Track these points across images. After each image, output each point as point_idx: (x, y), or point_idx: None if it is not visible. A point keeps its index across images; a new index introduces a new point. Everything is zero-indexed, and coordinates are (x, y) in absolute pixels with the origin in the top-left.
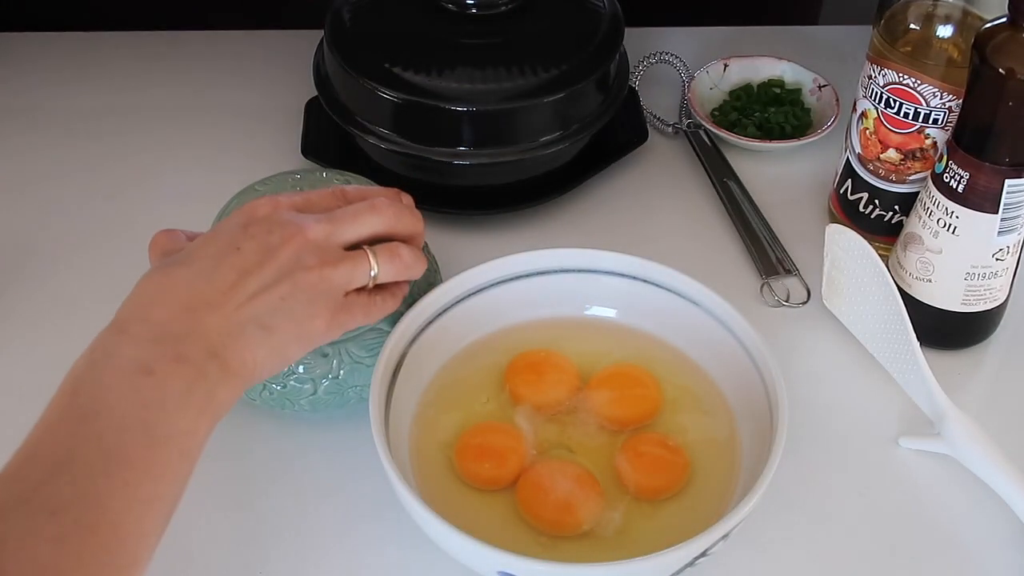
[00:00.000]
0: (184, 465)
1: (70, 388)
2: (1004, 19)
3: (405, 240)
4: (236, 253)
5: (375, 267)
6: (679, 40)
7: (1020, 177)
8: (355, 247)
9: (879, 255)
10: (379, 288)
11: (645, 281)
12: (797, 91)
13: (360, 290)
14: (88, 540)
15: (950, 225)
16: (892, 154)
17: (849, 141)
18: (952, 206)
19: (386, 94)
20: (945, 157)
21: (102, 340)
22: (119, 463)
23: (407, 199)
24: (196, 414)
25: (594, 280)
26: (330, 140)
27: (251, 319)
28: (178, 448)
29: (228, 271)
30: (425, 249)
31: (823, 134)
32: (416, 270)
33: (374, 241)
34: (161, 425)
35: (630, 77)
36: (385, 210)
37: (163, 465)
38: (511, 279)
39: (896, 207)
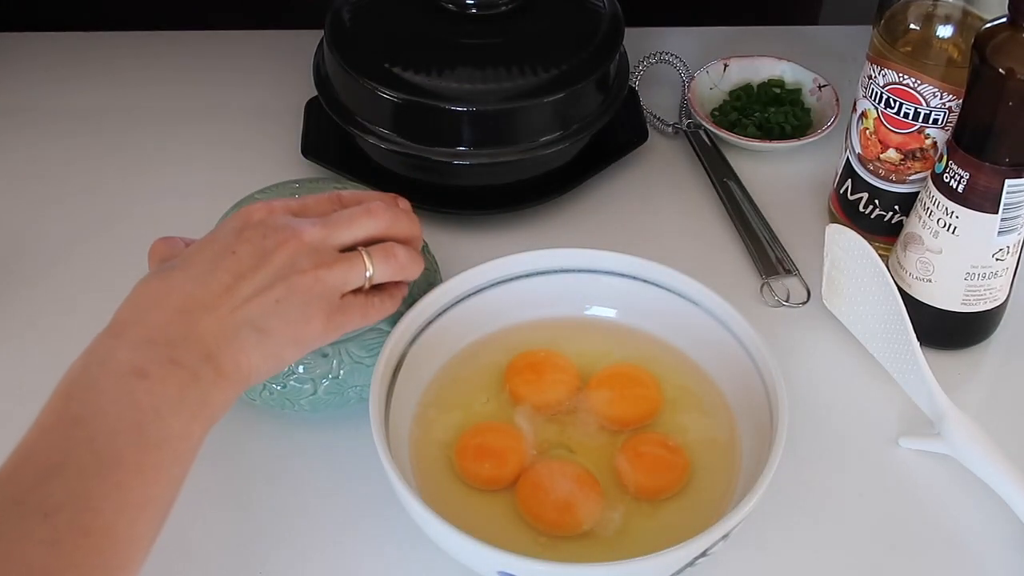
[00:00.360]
0: (178, 468)
1: (65, 391)
2: (1004, 19)
3: (402, 243)
4: (231, 257)
5: (370, 268)
6: (679, 40)
7: (1020, 177)
8: (351, 250)
9: (879, 255)
10: (377, 289)
11: (645, 281)
12: (797, 91)
13: (358, 292)
14: (80, 543)
15: (950, 225)
16: (892, 154)
17: (849, 141)
18: (952, 206)
19: (386, 94)
20: (945, 157)
21: (97, 344)
22: (112, 466)
23: (404, 203)
24: (190, 417)
25: (594, 280)
26: (330, 140)
27: (246, 322)
28: (172, 451)
29: (223, 274)
30: (425, 249)
31: (823, 134)
32: (412, 270)
33: (371, 243)
34: (155, 428)
35: (630, 77)
36: (381, 214)
37: (157, 468)
38: (511, 279)
39: (896, 207)
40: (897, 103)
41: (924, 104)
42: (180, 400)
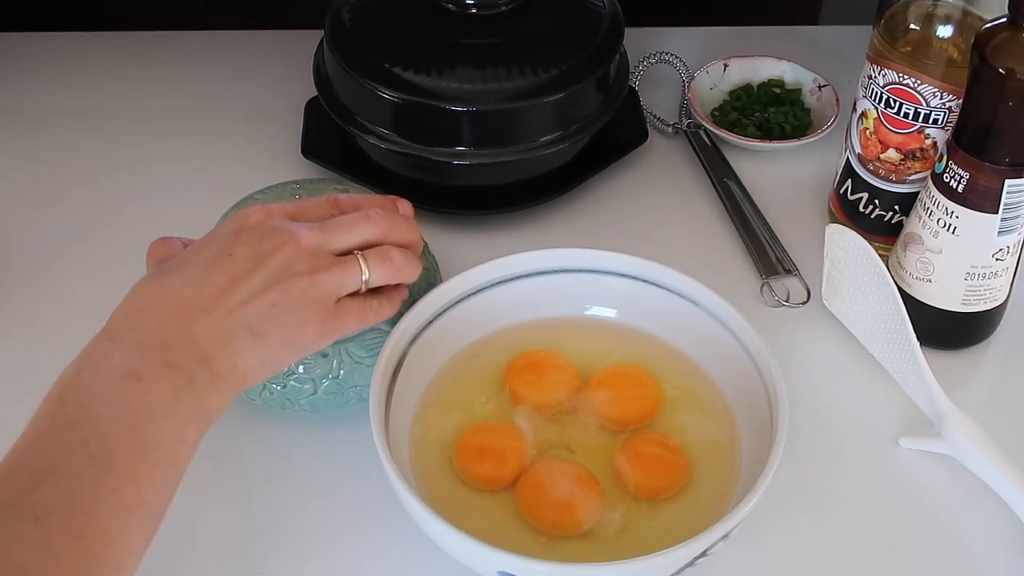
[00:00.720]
0: (172, 471)
1: (58, 395)
2: (1004, 19)
3: (400, 248)
4: (228, 259)
5: (366, 271)
6: (679, 40)
7: (1020, 177)
8: (349, 254)
9: (879, 255)
10: (375, 292)
11: (645, 281)
12: (797, 91)
13: (355, 295)
14: (73, 546)
15: (950, 225)
16: (892, 154)
17: (849, 141)
18: (952, 206)
19: (386, 94)
20: (945, 157)
21: (92, 347)
22: (106, 470)
23: (404, 207)
24: (185, 420)
25: (594, 280)
26: (330, 140)
27: (242, 325)
28: (166, 454)
29: (219, 277)
30: (425, 249)
31: (823, 134)
32: (408, 273)
33: (368, 247)
34: (149, 431)
35: (630, 77)
36: (379, 221)
37: (150, 471)
38: (511, 279)
39: (896, 207)
40: (897, 103)
41: (924, 104)
42: (175, 403)
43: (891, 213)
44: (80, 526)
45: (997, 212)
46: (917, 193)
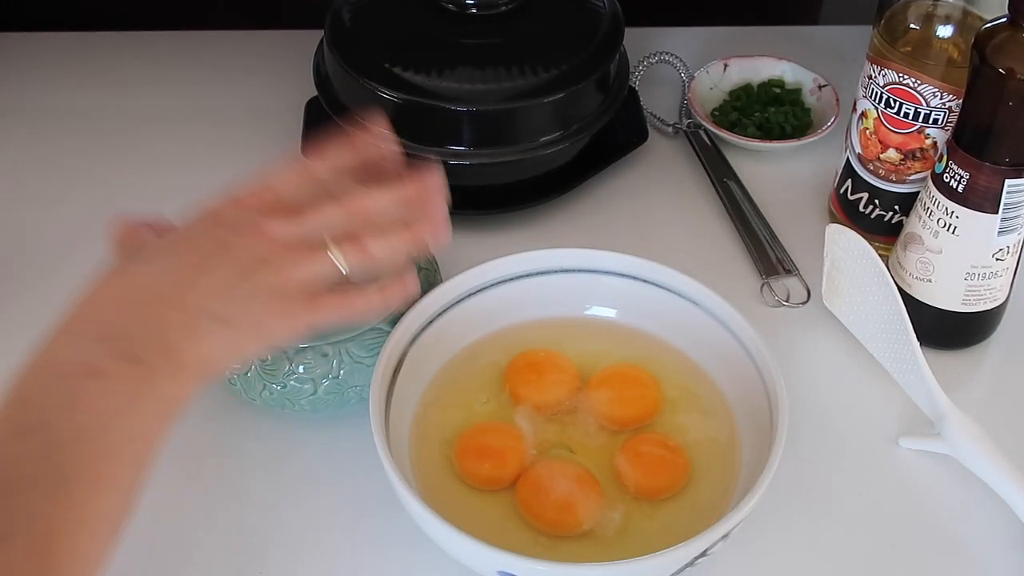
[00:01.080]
0: (137, 472)
1: (14, 397)
2: (1004, 19)
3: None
4: (195, 250)
5: (341, 262)
6: (679, 40)
7: (1020, 177)
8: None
9: (879, 255)
10: (373, 284)
11: (645, 281)
12: (797, 91)
13: (343, 287)
14: (34, 567)
15: (950, 225)
16: (892, 154)
17: (849, 141)
18: (952, 206)
19: (386, 94)
20: (945, 157)
21: (50, 342)
22: (66, 479)
23: (425, 186)
24: (150, 417)
25: (594, 280)
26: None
27: (206, 315)
28: (132, 453)
29: (186, 268)
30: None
31: (823, 134)
32: (390, 261)
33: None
34: (110, 432)
35: (630, 77)
36: (352, 205)
37: (114, 474)
38: (511, 279)
39: (896, 207)
40: (897, 103)
41: (924, 104)
42: (138, 399)
43: (891, 213)
44: (42, 546)
45: (997, 212)
46: (917, 193)
